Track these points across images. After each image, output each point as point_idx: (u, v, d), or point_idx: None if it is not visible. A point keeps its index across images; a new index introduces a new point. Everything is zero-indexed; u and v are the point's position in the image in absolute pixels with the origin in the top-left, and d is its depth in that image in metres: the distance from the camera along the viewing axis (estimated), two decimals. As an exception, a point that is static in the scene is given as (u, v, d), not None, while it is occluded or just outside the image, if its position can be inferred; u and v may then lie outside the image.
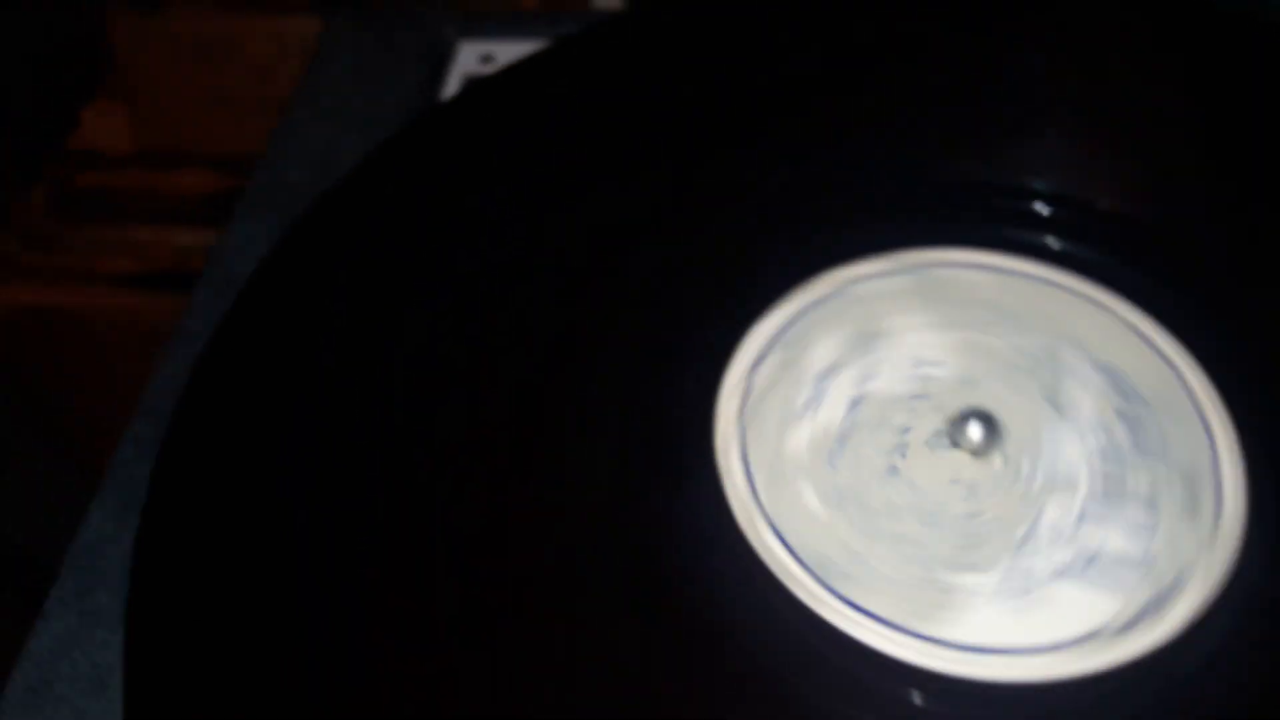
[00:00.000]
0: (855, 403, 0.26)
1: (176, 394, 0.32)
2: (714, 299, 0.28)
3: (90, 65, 0.95)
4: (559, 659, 0.22)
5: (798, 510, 0.24)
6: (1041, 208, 0.30)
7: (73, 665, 0.27)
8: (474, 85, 0.32)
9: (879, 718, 0.22)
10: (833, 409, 0.26)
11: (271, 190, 0.35)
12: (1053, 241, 0.29)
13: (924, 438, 0.25)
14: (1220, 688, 0.22)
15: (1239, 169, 0.30)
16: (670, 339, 0.27)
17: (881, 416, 0.26)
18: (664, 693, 0.21)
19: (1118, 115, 0.32)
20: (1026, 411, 0.25)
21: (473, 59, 0.39)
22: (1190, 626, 0.22)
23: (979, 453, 0.24)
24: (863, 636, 0.22)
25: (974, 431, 0.24)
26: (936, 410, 0.25)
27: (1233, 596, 0.23)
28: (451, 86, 0.38)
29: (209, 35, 0.85)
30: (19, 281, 0.79)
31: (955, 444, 0.24)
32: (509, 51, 0.39)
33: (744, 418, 0.26)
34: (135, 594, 0.23)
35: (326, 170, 0.36)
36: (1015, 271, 0.28)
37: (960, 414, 0.24)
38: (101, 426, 0.89)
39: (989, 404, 0.25)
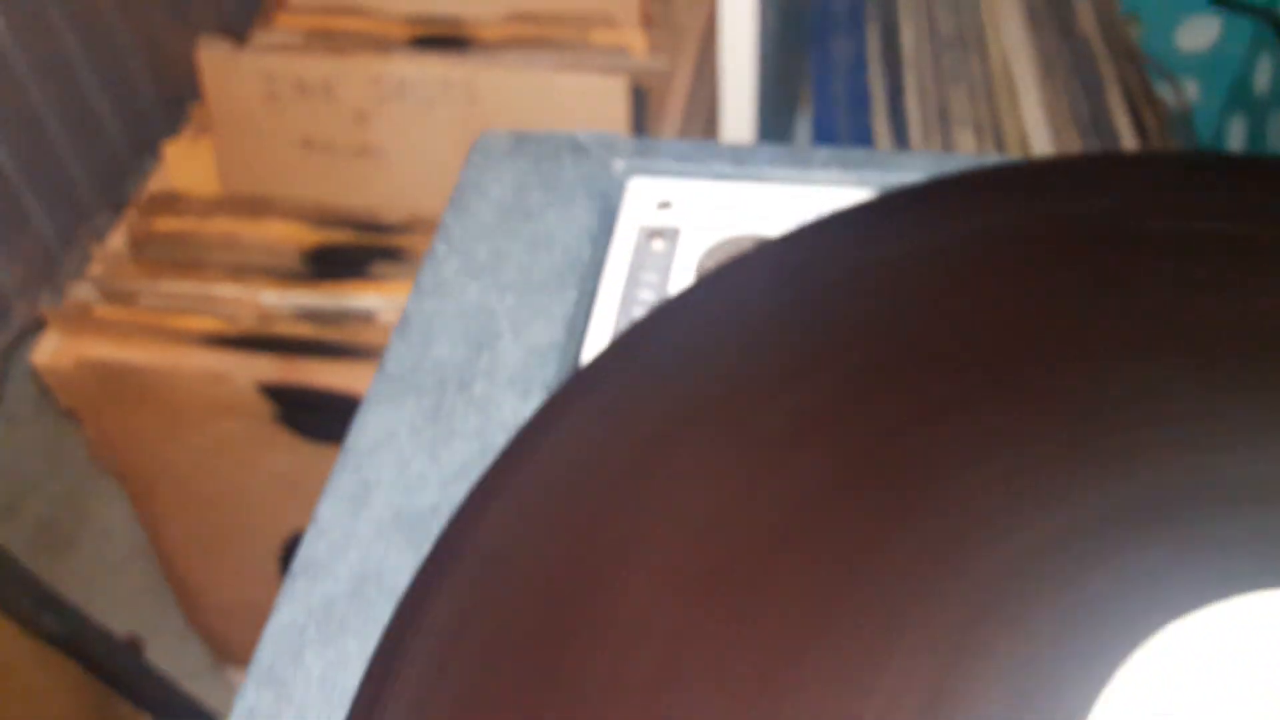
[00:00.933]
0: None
1: (295, 652, 0.26)
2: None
3: (175, 94, 0.91)
4: None
5: None
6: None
7: None
8: (759, 250, 0.25)
9: None
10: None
11: (414, 368, 0.30)
12: None
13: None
14: None
15: None
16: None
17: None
18: None
19: None
20: None
21: (650, 205, 0.33)
22: None
23: None
24: None
25: None
26: None
27: None
28: (624, 238, 0.32)
29: (302, 75, 0.80)
30: (93, 334, 0.74)
31: None
32: (688, 195, 0.33)
33: None
34: None
35: (480, 344, 0.30)
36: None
37: None
38: (169, 494, 0.84)
39: None
